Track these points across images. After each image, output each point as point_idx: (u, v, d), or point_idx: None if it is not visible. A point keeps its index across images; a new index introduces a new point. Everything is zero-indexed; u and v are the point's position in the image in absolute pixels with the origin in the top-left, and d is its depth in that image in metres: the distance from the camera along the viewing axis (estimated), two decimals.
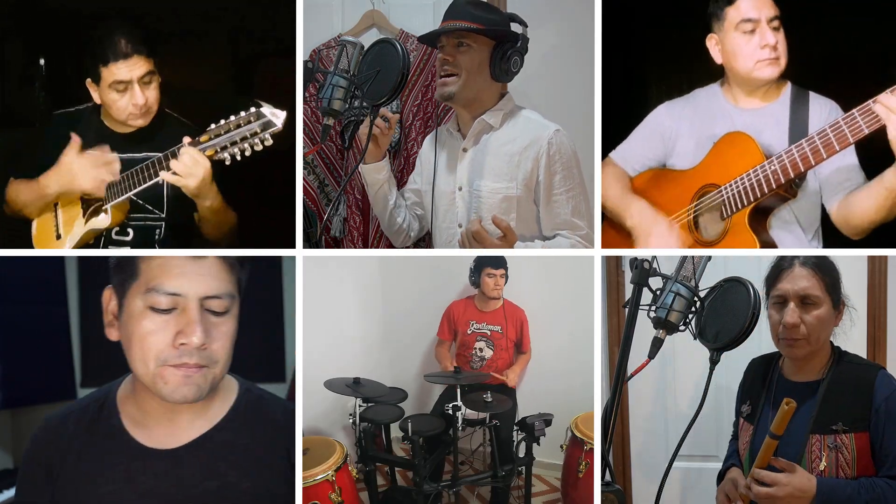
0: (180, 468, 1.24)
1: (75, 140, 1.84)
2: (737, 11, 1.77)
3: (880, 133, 1.53)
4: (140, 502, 1.21)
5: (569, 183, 1.89)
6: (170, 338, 1.16)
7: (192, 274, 1.17)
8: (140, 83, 1.83)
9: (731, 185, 1.76)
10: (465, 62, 1.87)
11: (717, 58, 1.85)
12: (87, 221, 1.89)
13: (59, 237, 1.93)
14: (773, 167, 1.68)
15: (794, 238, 1.81)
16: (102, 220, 1.87)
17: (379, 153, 2.00)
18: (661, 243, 1.81)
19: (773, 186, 1.68)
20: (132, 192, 1.82)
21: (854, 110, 1.56)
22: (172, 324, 1.16)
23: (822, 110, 1.76)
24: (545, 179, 1.89)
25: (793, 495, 1.40)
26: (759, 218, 1.76)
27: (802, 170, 1.64)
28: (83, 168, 1.82)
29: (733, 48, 1.79)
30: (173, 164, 1.70)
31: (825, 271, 1.53)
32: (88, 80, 1.87)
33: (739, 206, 1.74)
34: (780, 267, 1.56)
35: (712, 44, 1.85)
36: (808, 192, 1.79)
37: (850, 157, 1.74)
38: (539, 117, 1.96)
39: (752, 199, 1.72)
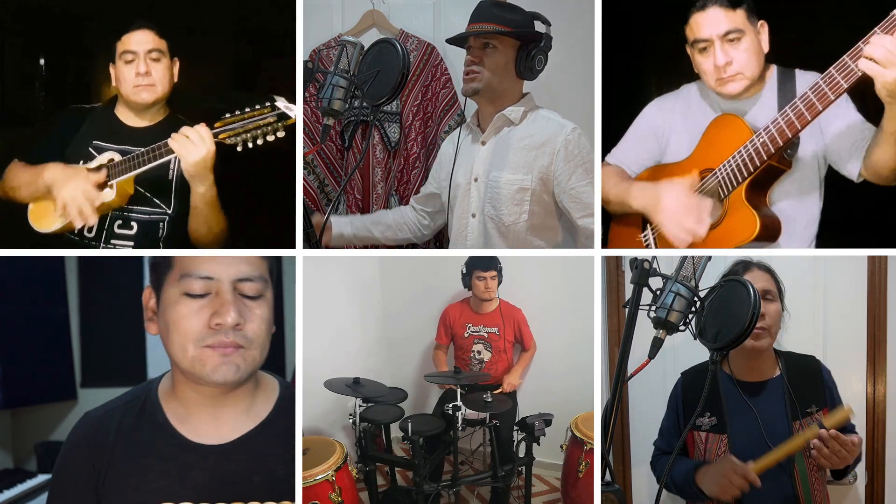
0: (230, 463, 1.26)
1: (103, 172, 1.87)
2: (690, 31, 1.77)
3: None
4: (191, 497, 1.24)
5: (590, 176, 1.95)
6: (205, 319, 1.20)
7: (222, 259, 1.23)
8: (147, 56, 1.90)
9: (724, 166, 1.76)
10: (491, 62, 1.95)
11: (695, 67, 1.85)
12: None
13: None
14: (761, 139, 1.67)
15: (795, 209, 1.80)
16: (107, 195, 1.86)
17: (328, 237, 2.11)
18: (676, 200, 1.77)
19: (765, 158, 1.67)
20: (138, 171, 1.83)
21: (831, 68, 1.54)
22: (207, 307, 1.21)
23: (808, 83, 1.74)
24: (564, 175, 1.93)
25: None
26: (758, 194, 1.75)
27: (790, 135, 1.62)
28: (78, 185, 1.82)
29: (696, 65, 1.82)
30: (179, 136, 1.74)
31: (774, 274, 1.75)
32: (111, 64, 1.95)
33: (735, 183, 1.74)
34: (743, 269, 1.74)
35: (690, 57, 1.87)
36: (803, 161, 1.77)
37: (852, 114, 1.72)
38: (557, 116, 2.01)
39: (746, 175, 1.72)
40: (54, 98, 2.30)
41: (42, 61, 2.29)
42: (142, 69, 1.90)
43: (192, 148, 1.73)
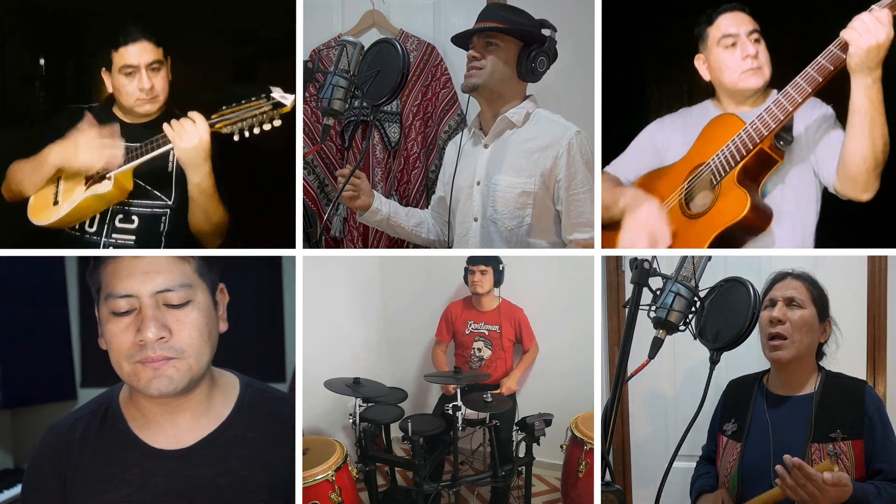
0: (193, 468, 1.26)
1: (89, 117, 1.89)
2: (717, 29, 1.86)
3: None
4: (156, 503, 1.23)
5: (590, 182, 1.94)
6: (132, 336, 1.20)
7: (139, 273, 1.21)
8: (148, 69, 1.89)
9: (717, 155, 1.80)
10: (492, 60, 1.95)
11: (705, 75, 1.92)
12: (87, 188, 1.89)
13: (56, 203, 1.92)
14: (753, 126, 1.74)
15: (787, 201, 1.81)
16: (104, 186, 1.87)
17: (365, 202, 2.05)
18: (647, 219, 1.82)
19: (758, 141, 1.73)
20: (136, 162, 1.84)
21: (819, 56, 1.65)
22: (133, 324, 1.21)
23: (804, 106, 1.76)
24: (565, 178, 1.93)
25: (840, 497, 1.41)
26: (750, 182, 1.77)
27: (781, 118, 1.69)
28: (89, 142, 1.85)
29: (718, 63, 1.87)
30: (174, 122, 1.76)
31: (812, 284, 1.69)
32: (103, 69, 1.93)
33: (727, 169, 1.78)
34: (775, 279, 1.71)
35: (699, 63, 1.93)
36: (796, 157, 1.80)
37: (827, 110, 1.79)
38: (561, 119, 2.01)
39: (738, 160, 1.76)
40: (54, 98, 2.30)
41: (42, 61, 2.29)
42: (146, 84, 1.89)
43: (186, 135, 1.75)
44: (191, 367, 1.23)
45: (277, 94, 1.74)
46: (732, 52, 1.83)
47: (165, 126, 1.77)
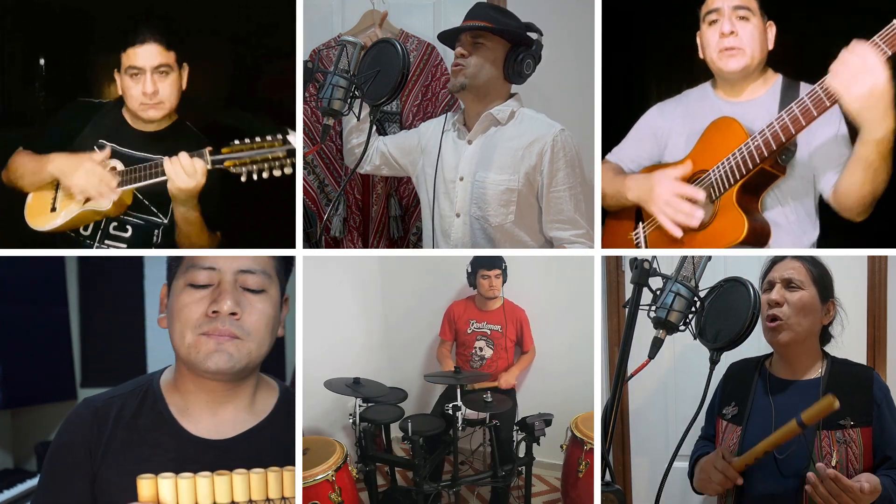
0: (229, 460, 1.27)
1: (107, 150, 1.89)
2: (706, 6, 1.82)
3: None
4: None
5: (571, 180, 1.94)
6: (204, 308, 1.24)
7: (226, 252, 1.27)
8: (155, 72, 1.86)
9: (717, 168, 1.76)
10: (479, 58, 1.94)
11: (701, 52, 1.88)
12: (86, 201, 1.88)
13: (53, 209, 1.92)
14: (755, 142, 1.69)
15: (787, 216, 1.80)
16: (102, 203, 1.86)
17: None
18: (669, 189, 1.79)
19: (758, 161, 1.69)
20: (135, 185, 1.84)
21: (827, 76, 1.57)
22: (208, 297, 1.25)
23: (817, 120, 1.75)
24: (548, 175, 1.93)
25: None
26: (750, 198, 1.75)
27: (784, 139, 1.64)
28: (89, 172, 1.83)
29: (704, 41, 1.83)
30: (174, 158, 1.75)
31: (813, 264, 1.65)
32: (115, 70, 1.91)
33: (727, 185, 1.74)
34: (774, 262, 1.67)
35: (698, 41, 1.89)
36: (798, 169, 1.77)
37: (840, 128, 1.74)
38: (545, 117, 2.01)
39: (738, 177, 1.72)
40: (55, 98, 2.30)
41: (42, 61, 2.29)
42: (149, 89, 1.85)
43: (183, 177, 1.74)
44: (250, 352, 1.26)
45: (293, 138, 1.71)
46: (713, 29, 1.79)
47: (166, 164, 1.75)
